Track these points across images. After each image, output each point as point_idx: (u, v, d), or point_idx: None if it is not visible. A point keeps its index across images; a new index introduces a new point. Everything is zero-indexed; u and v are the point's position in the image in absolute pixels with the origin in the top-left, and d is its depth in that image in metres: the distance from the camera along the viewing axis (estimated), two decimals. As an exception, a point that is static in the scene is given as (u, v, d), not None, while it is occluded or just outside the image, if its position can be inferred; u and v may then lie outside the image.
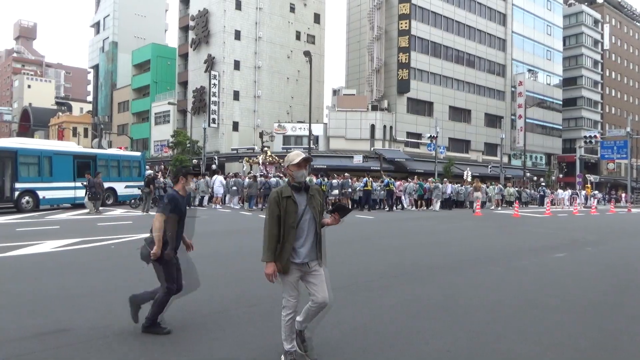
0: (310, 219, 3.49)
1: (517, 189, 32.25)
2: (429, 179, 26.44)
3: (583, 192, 41.20)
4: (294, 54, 47.29)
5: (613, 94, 71.80)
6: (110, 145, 49.62)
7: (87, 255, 8.20)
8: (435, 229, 14.33)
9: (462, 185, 27.78)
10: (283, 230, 3.43)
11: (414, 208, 23.58)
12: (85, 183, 17.23)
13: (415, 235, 12.70)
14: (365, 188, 21.58)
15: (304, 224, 3.47)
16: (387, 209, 22.02)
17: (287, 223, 3.42)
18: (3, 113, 64.46)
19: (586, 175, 50.27)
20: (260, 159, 27.07)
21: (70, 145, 21.91)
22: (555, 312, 5.23)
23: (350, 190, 21.55)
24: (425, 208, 23.96)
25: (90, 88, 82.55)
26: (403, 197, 23.67)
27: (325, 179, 21.34)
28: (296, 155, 3.54)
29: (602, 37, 69.74)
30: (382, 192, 22.22)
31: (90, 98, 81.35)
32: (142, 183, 19.46)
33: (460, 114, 48.56)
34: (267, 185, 20.38)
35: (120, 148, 29.21)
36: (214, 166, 32.79)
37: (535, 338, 4.36)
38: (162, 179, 22.60)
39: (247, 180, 21.51)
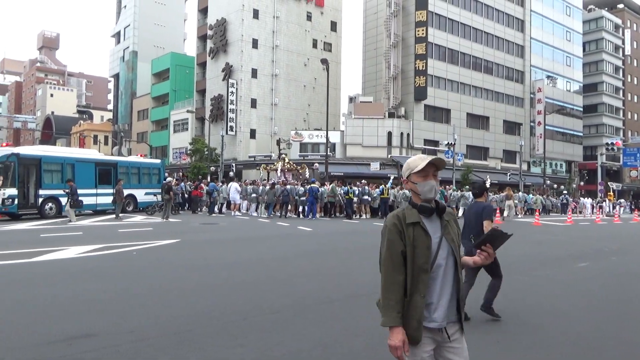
0: (449, 258, 2.28)
1: (542, 196, 31.73)
2: (447, 187, 26.29)
3: (610, 202, 40.37)
4: (311, 62, 47.56)
5: (635, 100, 70.46)
6: (130, 153, 50.34)
7: (110, 261, 8.33)
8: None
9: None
10: (410, 275, 2.22)
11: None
12: (67, 190, 16.44)
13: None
14: (382, 196, 21.49)
15: (439, 267, 2.25)
16: None
17: (416, 264, 2.22)
18: (27, 121, 65.94)
19: (608, 183, 49.29)
20: (279, 166, 27.19)
21: (91, 153, 22.34)
22: (578, 323, 5.13)
23: (369, 197, 21.43)
24: None
25: (110, 96, 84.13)
26: None
27: (353, 187, 21.10)
28: (419, 159, 2.36)
29: (623, 43, 68.64)
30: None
31: (110, 106, 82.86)
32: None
33: (478, 120, 48.16)
34: (286, 192, 20.43)
35: (140, 155, 29.59)
36: (231, 173, 33.02)
37: (560, 349, 4.28)
38: (182, 184, 22.92)
39: (262, 187, 21.59)
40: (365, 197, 21.42)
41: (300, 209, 20.92)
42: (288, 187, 20.96)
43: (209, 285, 6.46)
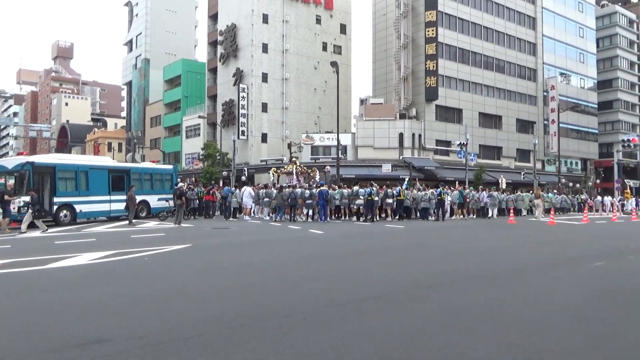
0: None
1: (558, 195, 31.31)
2: (464, 186, 26.22)
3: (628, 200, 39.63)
4: (321, 65, 47.65)
5: (651, 96, 69.31)
6: (143, 159, 50.87)
7: (122, 266, 8.41)
8: (470, 237, 14.06)
9: (502, 193, 27.22)
10: None
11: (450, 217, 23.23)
12: (27, 200, 15.89)
13: (451, 244, 12.48)
14: (399, 198, 21.37)
15: None
16: (436, 217, 21.76)
17: None
18: (42, 130, 67.04)
19: (625, 181, 48.47)
20: (293, 169, 27.24)
21: (105, 160, 22.65)
22: (600, 325, 5.03)
23: (392, 199, 21.19)
24: (464, 217, 23.79)
25: (124, 104, 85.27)
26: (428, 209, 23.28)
27: (375, 188, 20.89)
28: None
29: (638, 38, 67.55)
30: (433, 200, 21.94)
31: (124, 114, 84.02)
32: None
33: (490, 120, 47.80)
34: (294, 195, 20.34)
35: (153, 161, 29.91)
36: (243, 177, 33.24)
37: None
38: (195, 189, 23.05)
39: (272, 191, 21.63)
40: (389, 200, 21.26)
41: (305, 211, 20.84)
42: (298, 190, 20.87)
43: (219, 289, 6.47)
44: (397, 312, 5.32)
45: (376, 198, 20.47)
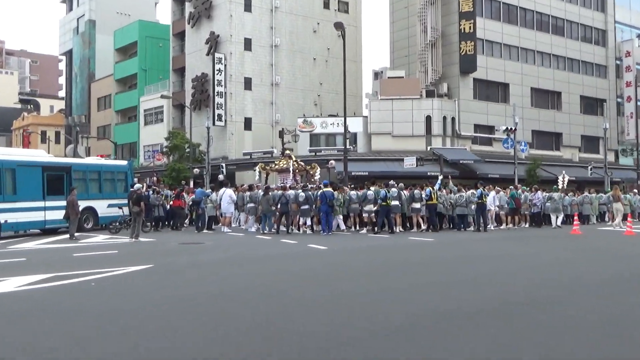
0: None
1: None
2: (516, 186, 26.15)
3: None
4: (322, 28, 47.61)
5: None
6: (88, 153, 50.76)
7: (61, 295, 8.32)
8: (530, 252, 13.98)
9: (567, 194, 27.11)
10: None
11: (492, 226, 23.15)
12: None
13: (502, 262, 12.38)
14: (430, 202, 21.20)
15: None
16: (476, 227, 21.68)
17: None
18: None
19: None
20: (290, 165, 27.02)
21: (38, 154, 22.56)
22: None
23: (419, 205, 21.06)
24: (514, 226, 23.87)
25: (62, 80, 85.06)
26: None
27: (392, 189, 20.65)
28: None
29: None
30: (473, 205, 21.89)
31: (62, 93, 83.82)
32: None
33: (546, 97, 47.69)
34: (285, 199, 20.13)
35: (102, 156, 29.85)
36: (221, 176, 33.06)
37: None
38: (165, 192, 22.96)
39: (259, 192, 21.50)
40: (416, 204, 21.11)
41: (301, 221, 20.77)
42: (290, 192, 20.69)
43: (187, 326, 6.36)
44: (430, 346, 5.23)
45: (394, 202, 20.37)
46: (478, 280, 9.67)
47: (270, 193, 20.63)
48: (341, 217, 21.37)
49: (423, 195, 21.18)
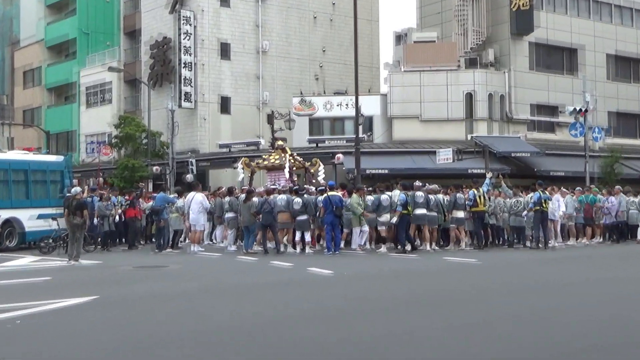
0: None
1: None
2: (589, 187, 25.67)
3: None
4: (325, -24, 47.61)
5: None
6: (11, 145, 49.70)
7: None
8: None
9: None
10: None
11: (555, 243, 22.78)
12: None
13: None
14: (475, 209, 20.69)
15: None
16: (534, 243, 21.45)
17: None
18: None
19: None
20: (285, 160, 26.44)
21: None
22: None
23: (464, 214, 20.76)
24: (584, 240, 23.60)
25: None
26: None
27: (404, 191, 20.44)
28: None
29: None
30: (530, 213, 21.55)
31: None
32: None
33: (628, 67, 47.22)
34: (268, 207, 19.80)
35: (29, 149, 29.35)
36: (189, 176, 32.69)
37: None
38: (115, 199, 22.49)
39: (242, 197, 21.36)
40: (459, 213, 20.71)
41: (298, 235, 20.40)
42: (280, 197, 20.36)
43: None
44: None
45: (420, 211, 20.03)
46: (552, 319, 9.23)
47: (252, 199, 20.42)
48: (360, 229, 20.80)
49: (468, 201, 20.86)
